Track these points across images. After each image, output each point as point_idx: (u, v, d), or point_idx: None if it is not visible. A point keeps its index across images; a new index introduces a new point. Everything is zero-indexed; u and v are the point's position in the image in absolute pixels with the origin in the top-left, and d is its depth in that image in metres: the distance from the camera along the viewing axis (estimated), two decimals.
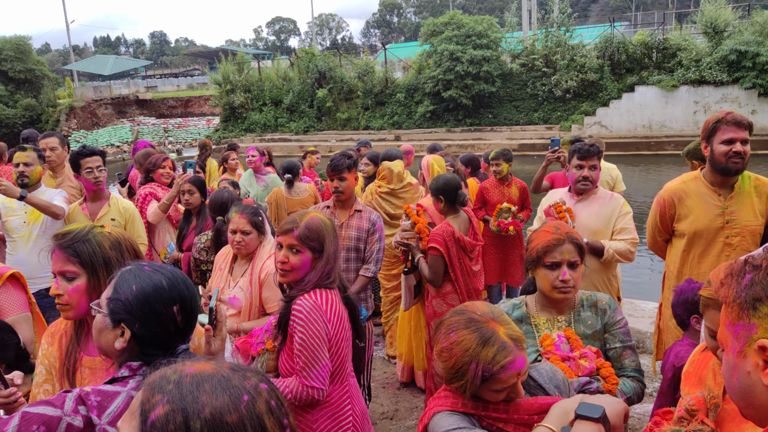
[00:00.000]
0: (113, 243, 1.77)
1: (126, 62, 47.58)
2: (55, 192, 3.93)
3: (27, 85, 28.04)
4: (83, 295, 1.72)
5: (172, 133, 28.50)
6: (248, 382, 0.92)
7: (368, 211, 3.65)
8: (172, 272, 1.47)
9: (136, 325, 1.40)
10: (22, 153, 3.82)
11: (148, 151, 5.26)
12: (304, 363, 2.12)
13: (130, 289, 1.41)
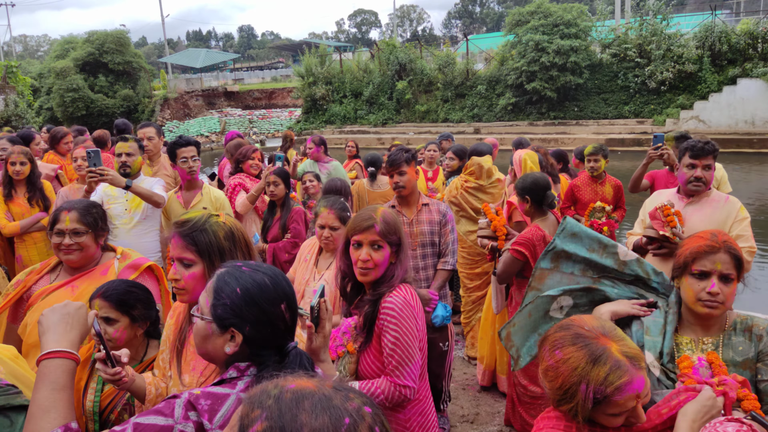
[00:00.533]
0: (227, 233, 1.81)
1: (216, 55, 49.63)
2: (154, 181, 3.97)
3: (125, 77, 29.82)
4: (199, 281, 1.77)
5: (257, 124, 29.44)
6: (351, 403, 0.88)
7: (435, 203, 3.54)
8: (271, 270, 1.44)
9: (246, 327, 1.36)
10: (125, 144, 3.86)
11: (239, 141, 5.38)
12: (397, 362, 2.06)
13: (235, 292, 1.37)
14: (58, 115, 28.09)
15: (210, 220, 1.82)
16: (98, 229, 2.57)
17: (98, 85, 28.86)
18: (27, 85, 24.57)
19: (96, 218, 2.57)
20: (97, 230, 2.56)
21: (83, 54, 28.68)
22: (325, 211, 2.99)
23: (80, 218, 2.50)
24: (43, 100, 29.17)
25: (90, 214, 2.55)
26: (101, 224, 2.60)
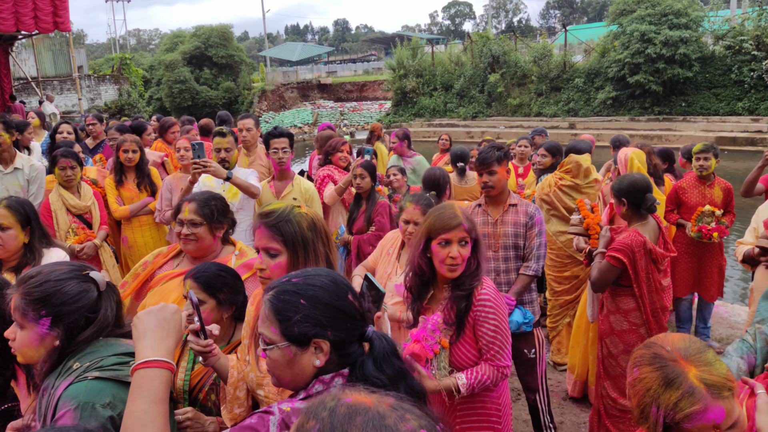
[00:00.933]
0: (310, 224, 1.86)
1: (311, 49, 51.05)
2: (248, 172, 4.04)
3: (228, 70, 31.34)
4: (284, 271, 1.80)
5: (347, 116, 29.99)
6: (406, 425, 0.84)
7: (524, 204, 3.36)
8: (320, 270, 1.44)
9: (328, 332, 1.32)
10: (222, 139, 3.94)
11: (329, 133, 5.47)
12: (498, 347, 2.23)
13: (300, 304, 1.33)
14: (166, 105, 30.06)
15: (294, 211, 1.87)
16: (214, 221, 2.62)
17: (203, 78, 30.56)
18: (139, 77, 26.45)
19: (213, 211, 2.61)
20: (213, 222, 2.61)
21: (190, 48, 30.45)
22: (411, 206, 2.97)
23: (197, 210, 2.58)
24: (153, 90, 31.27)
25: (207, 206, 2.61)
26: (218, 217, 2.63)
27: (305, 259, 1.83)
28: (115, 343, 1.69)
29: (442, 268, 2.22)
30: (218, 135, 3.98)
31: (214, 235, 2.64)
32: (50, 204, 4.31)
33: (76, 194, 4.39)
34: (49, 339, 1.60)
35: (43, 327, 1.59)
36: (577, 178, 4.29)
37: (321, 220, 1.92)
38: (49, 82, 22.05)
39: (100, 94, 24.07)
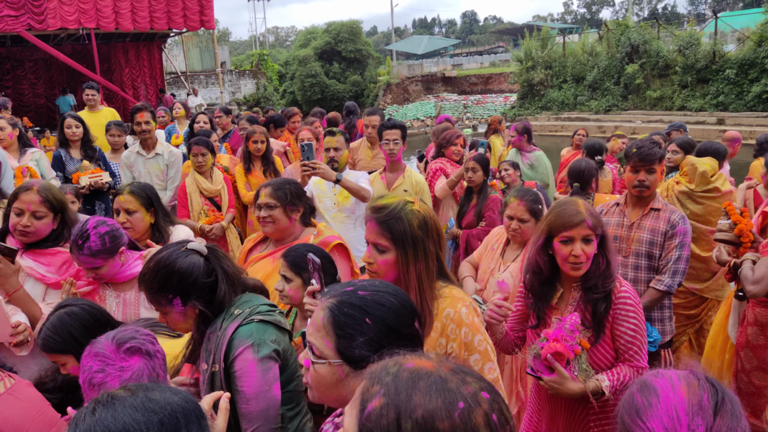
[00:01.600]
0: (421, 222, 1.82)
1: (437, 42, 51.00)
2: (359, 174, 3.98)
3: (355, 64, 32.26)
4: (391, 268, 1.83)
5: (471, 109, 29.60)
6: (467, 387, 0.86)
7: (668, 210, 3.02)
8: (388, 286, 1.30)
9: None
10: (332, 138, 3.88)
11: (445, 126, 5.43)
12: (638, 348, 2.16)
13: (365, 324, 1.20)
14: (298, 99, 31.62)
15: (405, 207, 1.83)
16: (289, 204, 2.75)
17: (332, 72, 31.74)
18: (275, 72, 28.07)
19: (287, 194, 2.76)
20: (288, 205, 2.75)
21: (321, 43, 31.74)
22: (515, 202, 2.85)
23: (272, 193, 2.74)
24: (287, 84, 33.02)
25: (282, 189, 2.76)
26: (292, 199, 2.76)
27: (414, 258, 1.80)
28: (259, 296, 2.01)
29: (565, 266, 2.14)
30: (328, 134, 3.95)
31: (290, 217, 2.76)
32: (186, 187, 4.71)
33: (209, 179, 4.75)
34: (189, 311, 1.85)
35: (178, 305, 1.82)
36: (692, 183, 3.84)
37: (433, 218, 1.89)
38: (195, 77, 24.10)
39: (240, 88, 25.90)
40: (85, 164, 4.96)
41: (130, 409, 0.95)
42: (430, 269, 1.82)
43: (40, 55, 18.45)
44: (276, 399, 1.85)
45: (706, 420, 0.97)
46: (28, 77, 20.05)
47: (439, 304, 1.83)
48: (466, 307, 1.82)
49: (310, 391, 1.29)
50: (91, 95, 6.51)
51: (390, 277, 1.82)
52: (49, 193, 2.64)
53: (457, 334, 1.80)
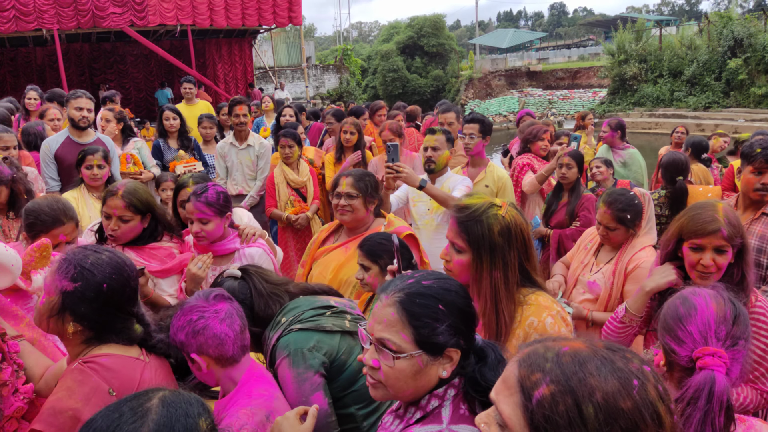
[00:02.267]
0: (503, 229, 1.72)
1: (522, 35, 49.73)
2: (459, 180, 3.66)
3: (437, 58, 32.10)
4: (464, 270, 1.77)
5: (556, 105, 28.67)
6: (632, 364, 0.87)
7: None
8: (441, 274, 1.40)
9: (461, 340, 1.29)
10: (432, 136, 3.60)
11: (531, 121, 5.28)
12: (766, 369, 1.93)
13: (440, 311, 1.26)
14: (379, 93, 31.90)
15: (489, 211, 1.74)
16: (368, 195, 2.82)
17: (414, 66, 31.75)
18: (357, 66, 28.41)
19: (367, 185, 2.82)
20: (367, 196, 2.81)
21: (404, 38, 31.81)
22: (603, 209, 2.73)
23: (354, 183, 2.79)
24: (369, 79, 33.39)
25: (363, 180, 2.82)
26: (371, 191, 2.83)
27: (490, 264, 1.72)
28: (313, 298, 2.01)
29: (693, 273, 2.02)
30: (428, 132, 3.69)
31: (367, 208, 2.81)
32: (274, 177, 4.86)
33: (296, 170, 4.87)
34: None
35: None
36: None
37: (520, 225, 1.76)
38: (282, 71, 24.83)
39: (324, 82, 26.42)
40: (181, 154, 5.22)
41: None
42: (509, 279, 1.73)
43: (141, 50, 19.66)
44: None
45: (728, 327, 1.37)
46: (130, 71, 21.43)
47: (522, 311, 1.74)
48: (551, 317, 1.72)
49: (376, 390, 1.31)
50: (189, 89, 6.84)
51: (463, 279, 1.76)
52: (133, 197, 2.64)
53: None
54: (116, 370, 1.56)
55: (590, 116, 7.12)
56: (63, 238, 2.33)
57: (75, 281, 1.54)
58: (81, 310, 1.56)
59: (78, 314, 1.56)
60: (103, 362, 1.56)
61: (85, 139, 4.44)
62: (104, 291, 1.57)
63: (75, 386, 1.50)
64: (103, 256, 1.62)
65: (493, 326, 1.72)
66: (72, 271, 1.55)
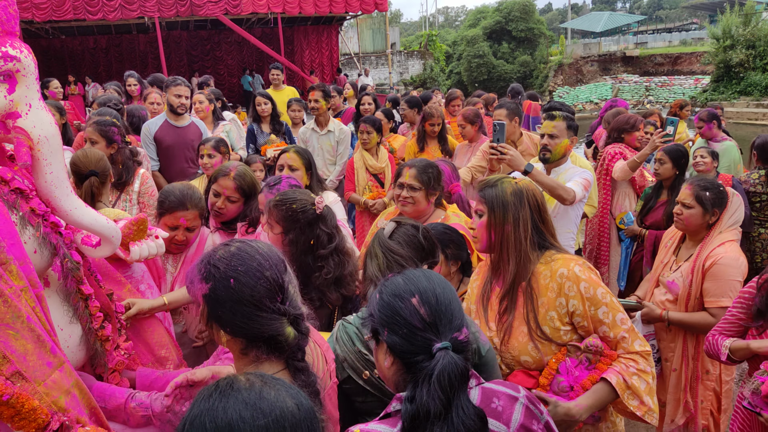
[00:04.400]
0: (516, 191, 1.98)
1: (619, 18, 47.21)
2: (578, 171, 3.36)
3: (525, 44, 31.13)
4: (484, 230, 2.01)
5: (653, 92, 27.07)
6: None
7: None
8: (411, 271, 1.34)
9: (385, 332, 1.25)
10: (550, 123, 3.36)
11: (617, 110, 5.05)
12: None
13: (375, 298, 1.30)
14: (463, 79, 31.44)
15: (503, 179, 2.03)
16: (430, 188, 2.81)
17: (501, 52, 30.98)
18: (442, 52, 28.15)
19: (430, 178, 2.81)
20: (429, 189, 2.81)
21: (491, 22, 31.08)
22: (685, 186, 2.61)
23: (417, 176, 2.78)
24: (454, 65, 32.95)
25: (426, 173, 2.80)
26: (434, 184, 2.82)
27: (503, 220, 1.95)
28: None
29: None
30: (548, 118, 3.42)
31: (429, 200, 2.82)
32: (354, 162, 4.96)
33: (375, 156, 4.95)
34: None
35: None
36: None
37: (533, 191, 2.01)
38: (367, 58, 25.08)
39: (408, 68, 26.44)
40: (272, 138, 5.45)
41: (241, 404, 0.92)
42: (520, 233, 1.93)
43: (235, 38, 20.50)
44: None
45: None
46: (224, 58, 22.43)
47: (551, 267, 1.92)
48: (579, 265, 1.90)
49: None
50: (276, 75, 7.09)
51: (484, 240, 2.01)
52: (243, 180, 2.85)
53: (575, 290, 1.86)
54: None
55: (689, 107, 6.66)
56: (183, 222, 2.52)
57: (207, 281, 1.35)
58: (218, 314, 1.35)
59: (219, 319, 1.35)
60: None
61: (181, 122, 4.77)
62: (232, 287, 1.33)
63: None
64: (231, 247, 1.40)
65: (504, 276, 1.99)
66: (203, 271, 1.37)
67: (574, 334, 1.88)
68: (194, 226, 2.58)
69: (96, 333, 1.78)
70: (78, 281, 1.73)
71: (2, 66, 1.49)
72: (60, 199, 1.66)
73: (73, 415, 1.47)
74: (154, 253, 2.15)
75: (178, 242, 2.56)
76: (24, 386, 1.39)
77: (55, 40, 20.07)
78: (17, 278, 1.45)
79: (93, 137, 3.42)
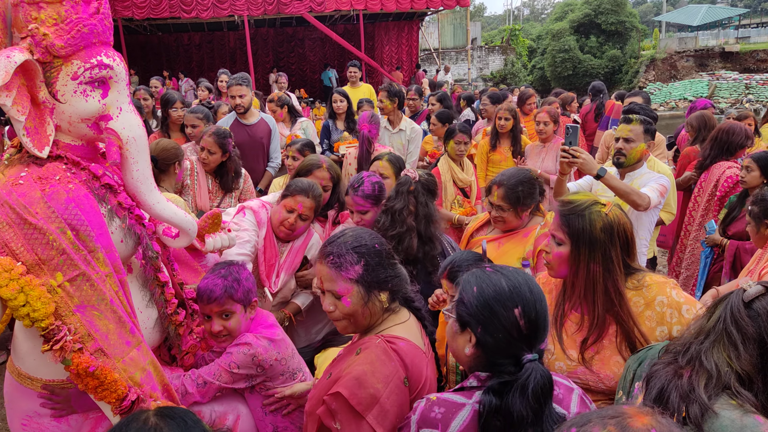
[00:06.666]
0: (606, 226, 1.79)
1: (718, 11, 44.07)
2: (654, 177, 3.22)
3: (615, 37, 29.80)
4: (563, 261, 1.84)
5: (754, 91, 25.15)
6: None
7: None
8: (517, 274, 1.40)
9: (478, 329, 1.34)
10: (626, 126, 3.26)
11: (703, 113, 4.77)
12: None
13: (472, 291, 1.37)
14: (547, 75, 30.56)
15: (592, 207, 1.82)
16: (520, 206, 2.70)
17: (588, 46, 29.83)
18: (525, 47, 27.49)
19: (519, 197, 2.67)
20: (519, 206, 2.70)
21: (579, 15, 29.98)
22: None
23: (505, 196, 2.68)
24: (537, 60, 32.09)
25: (514, 192, 2.67)
26: (524, 201, 2.70)
27: (589, 258, 1.79)
28: None
29: None
30: (624, 121, 3.31)
31: (520, 216, 2.74)
32: (441, 174, 4.43)
33: (462, 167, 4.54)
34: None
35: None
36: None
37: (623, 225, 1.82)
38: (447, 53, 24.92)
39: (488, 64, 26.05)
40: (345, 135, 5.59)
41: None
42: (610, 273, 1.79)
43: (318, 34, 20.97)
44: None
45: None
46: (307, 54, 23.03)
47: (645, 294, 1.82)
48: (674, 288, 1.82)
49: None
50: (353, 72, 7.24)
51: (562, 272, 1.86)
52: (333, 171, 3.29)
53: (677, 316, 1.78)
54: (411, 359, 1.57)
55: None
56: (300, 208, 2.80)
57: (358, 263, 1.62)
58: (382, 276, 1.64)
59: (382, 282, 1.64)
60: (402, 347, 1.56)
61: (249, 120, 4.95)
62: (379, 250, 1.66)
63: (379, 365, 1.50)
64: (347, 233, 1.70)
65: (590, 314, 1.82)
66: (349, 259, 1.61)
67: None
68: (307, 217, 2.85)
69: (170, 317, 1.95)
70: (156, 269, 1.91)
71: (97, 73, 1.67)
72: (145, 194, 1.83)
73: (147, 389, 1.64)
74: (226, 245, 2.32)
75: (287, 226, 2.81)
76: (105, 362, 1.56)
77: (152, 36, 21.36)
78: (103, 264, 1.62)
79: (212, 148, 3.74)
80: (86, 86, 1.67)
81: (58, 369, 1.59)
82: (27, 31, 1.58)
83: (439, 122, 5.51)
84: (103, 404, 1.60)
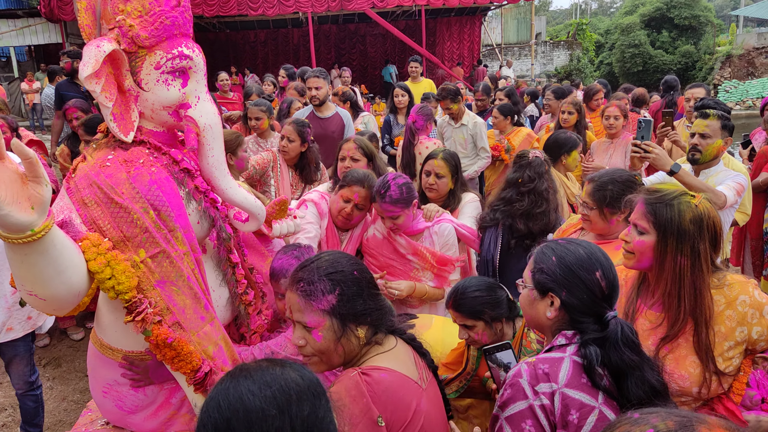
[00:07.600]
0: (696, 217, 1.72)
1: None
2: (731, 175, 3.16)
3: (689, 32, 28.45)
4: (647, 250, 1.79)
5: None
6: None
7: None
8: (587, 244, 1.54)
9: (563, 292, 1.48)
10: (702, 121, 3.14)
11: None
12: None
13: (551, 260, 1.51)
14: (615, 71, 29.52)
15: (681, 198, 1.76)
16: (606, 206, 2.44)
17: (659, 41, 28.61)
18: (592, 42, 26.67)
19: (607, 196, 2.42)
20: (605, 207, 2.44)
21: (651, 9, 28.79)
22: None
23: (592, 193, 2.44)
24: (605, 55, 31.05)
25: (603, 190, 2.43)
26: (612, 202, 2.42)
27: (676, 249, 1.73)
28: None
29: None
30: (700, 116, 3.19)
31: (609, 220, 2.44)
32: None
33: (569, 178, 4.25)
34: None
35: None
36: None
37: (713, 218, 1.74)
38: (509, 49, 24.51)
39: (552, 59, 25.44)
40: None
41: (250, 381, 1.00)
42: (696, 267, 1.73)
43: (379, 30, 21.09)
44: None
45: None
46: (368, 51, 23.21)
47: (726, 293, 1.78)
48: (756, 288, 1.80)
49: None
50: (414, 68, 7.27)
51: (644, 262, 1.81)
52: (362, 142, 3.39)
53: (758, 316, 1.76)
54: (392, 392, 1.42)
55: None
56: (356, 198, 2.88)
57: (332, 291, 1.45)
58: (359, 308, 1.48)
59: (360, 315, 1.49)
60: (381, 379, 1.42)
61: (325, 113, 5.06)
62: (358, 278, 1.51)
63: (347, 401, 1.36)
64: (323, 257, 1.54)
65: (673, 310, 1.77)
66: (321, 287, 1.45)
67: (743, 357, 1.79)
68: (363, 206, 2.92)
69: (240, 297, 2.04)
70: (228, 250, 2.00)
71: (178, 63, 1.76)
72: (219, 179, 1.92)
73: (219, 363, 1.73)
74: (292, 231, 2.40)
75: (344, 216, 2.91)
76: (182, 334, 1.65)
77: (221, 33, 22.08)
78: (182, 243, 1.72)
79: (291, 136, 3.86)
80: (168, 75, 1.76)
81: (138, 341, 1.70)
82: (114, 22, 1.68)
83: (501, 115, 5.50)
84: (178, 375, 1.70)
